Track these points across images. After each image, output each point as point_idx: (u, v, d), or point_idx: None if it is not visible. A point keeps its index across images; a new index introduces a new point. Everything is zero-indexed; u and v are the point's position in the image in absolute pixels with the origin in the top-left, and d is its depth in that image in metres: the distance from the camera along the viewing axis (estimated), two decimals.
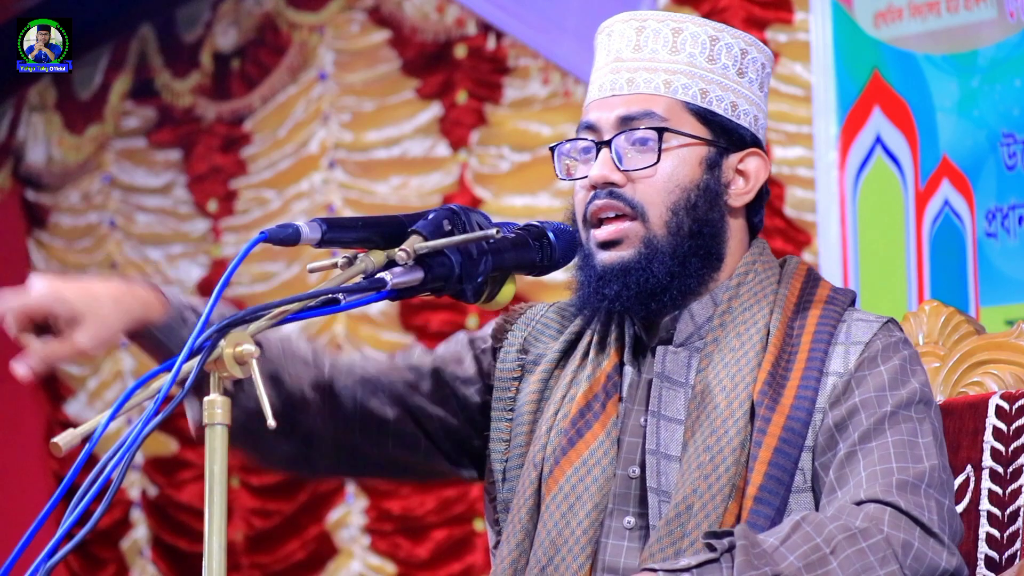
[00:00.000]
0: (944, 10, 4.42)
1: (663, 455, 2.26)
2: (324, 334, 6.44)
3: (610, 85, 2.36)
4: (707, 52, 2.34)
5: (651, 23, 2.36)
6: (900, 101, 4.53)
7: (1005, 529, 2.49)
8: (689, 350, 2.31)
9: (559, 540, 2.27)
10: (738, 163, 2.34)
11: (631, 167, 2.31)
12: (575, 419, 2.33)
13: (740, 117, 2.34)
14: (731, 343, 2.28)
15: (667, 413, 2.28)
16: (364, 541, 6.33)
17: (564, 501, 2.29)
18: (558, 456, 2.31)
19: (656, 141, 2.30)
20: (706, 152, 2.33)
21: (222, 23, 6.78)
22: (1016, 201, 4.28)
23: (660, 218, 2.30)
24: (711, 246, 2.32)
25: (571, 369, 2.39)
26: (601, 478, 2.29)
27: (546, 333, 2.45)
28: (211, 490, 1.89)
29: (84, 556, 7.06)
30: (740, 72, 2.35)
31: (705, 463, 2.22)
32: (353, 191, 6.41)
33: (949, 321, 2.73)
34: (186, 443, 6.77)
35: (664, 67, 2.33)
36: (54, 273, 7.25)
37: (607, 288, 2.30)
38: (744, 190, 2.35)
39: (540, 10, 5.68)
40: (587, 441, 2.31)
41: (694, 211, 2.31)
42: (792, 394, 2.24)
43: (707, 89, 2.33)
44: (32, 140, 7.33)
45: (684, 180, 2.31)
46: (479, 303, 2.25)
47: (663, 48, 2.34)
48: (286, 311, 2.01)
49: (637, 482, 2.29)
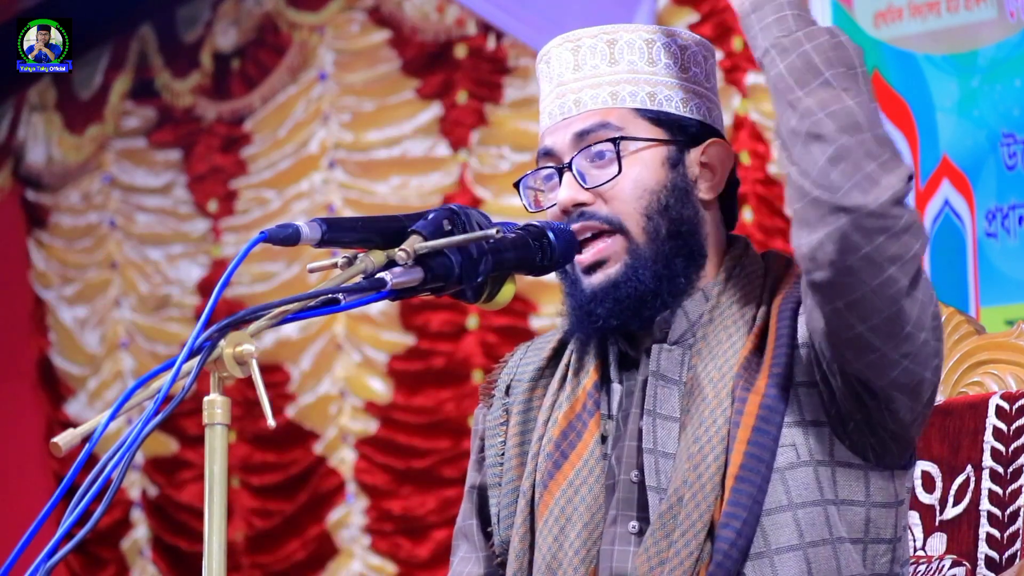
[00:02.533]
0: (944, 10, 4.42)
1: (660, 453, 2.26)
2: (324, 334, 6.44)
3: (559, 110, 2.36)
4: (646, 56, 2.35)
5: (585, 40, 2.37)
6: (900, 101, 4.53)
7: (1005, 529, 2.49)
8: (683, 347, 2.31)
9: (554, 564, 2.28)
10: (700, 156, 2.35)
11: (596, 183, 2.31)
12: (558, 441, 2.33)
13: (693, 112, 2.35)
14: (719, 336, 2.28)
15: (662, 411, 2.28)
16: (365, 541, 6.33)
17: (555, 524, 2.29)
18: (546, 481, 2.31)
19: (614, 152, 2.31)
20: (666, 152, 2.33)
21: (222, 23, 6.78)
22: (1016, 201, 4.28)
23: (638, 226, 2.30)
24: (691, 244, 2.32)
25: (551, 393, 2.39)
26: (589, 496, 2.29)
27: (528, 369, 2.45)
28: (211, 490, 1.89)
29: (84, 556, 7.06)
30: (683, 68, 2.35)
31: (695, 454, 2.22)
32: (353, 191, 6.41)
33: (949, 321, 2.73)
34: (186, 443, 6.77)
35: (607, 80, 2.34)
36: (54, 273, 7.25)
37: (599, 308, 2.30)
38: (713, 182, 2.35)
39: (540, 10, 5.68)
40: (572, 462, 2.31)
41: (667, 212, 2.31)
42: (766, 372, 2.23)
43: (654, 92, 2.34)
44: (32, 140, 7.33)
45: (651, 183, 2.31)
46: (479, 303, 2.25)
47: (602, 62, 2.35)
48: (286, 311, 2.01)
49: (638, 486, 2.29)
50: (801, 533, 2.20)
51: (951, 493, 2.60)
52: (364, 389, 6.38)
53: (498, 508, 2.40)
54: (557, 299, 2.51)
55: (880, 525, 2.24)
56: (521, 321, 5.76)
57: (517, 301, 5.29)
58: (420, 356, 6.24)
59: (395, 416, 6.30)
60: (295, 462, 6.52)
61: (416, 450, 6.22)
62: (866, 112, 2.13)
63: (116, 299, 7.07)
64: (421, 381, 6.25)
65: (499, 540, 2.39)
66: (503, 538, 2.38)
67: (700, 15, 5.36)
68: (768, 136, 5.17)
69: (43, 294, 7.32)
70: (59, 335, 7.26)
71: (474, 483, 2.48)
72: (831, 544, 2.21)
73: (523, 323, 5.79)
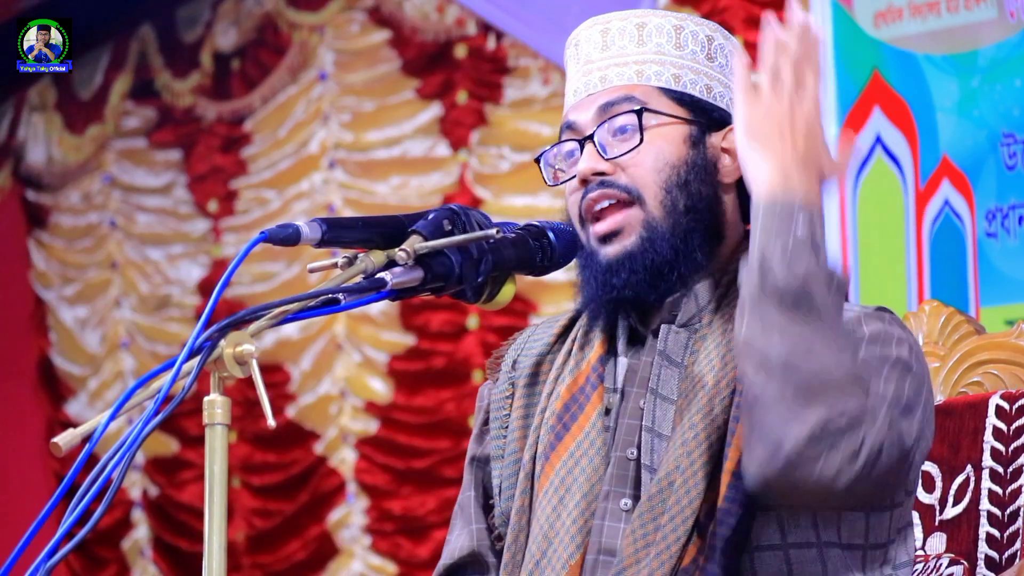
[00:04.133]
0: (944, 10, 4.42)
1: (656, 433, 2.26)
2: (325, 334, 6.44)
3: (584, 87, 2.38)
4: (673, 40, 2.36)
5: (615, 22, 2.38)
6: (900, 101, 4.53)
7: (1005, 529, 2.49)
8: (689, 331, 2.31)
9: (551, 533, 2.28)
10: (721, 141, 2.35)
11: (617, 154, 2.31)
12: (560, 414, 2.33)
13: (716, 99, 2.36)
14: (724, 325, 2.28)
15: (663, 392, 2.28)
16: (365, 541, 6.33)
17: (555, 495, 2.29)
18: (547, 452, 2.32)
19: (636, 124, 2.31)
20: (688, 130, 2.33)
21: (222, 23, 6.78)
22: (1016, 201, 4.28)
23: (655, 198, 2.30)
24: (709, 220, 2.32)
25: (556, 367, 2.39)
26: (589, 468, 2.29)
27: (535, 346, 2.45)
28: (211, 490, 1.89)
29: (85, 556, 7.06)
30: (709, 57, 2.37)
31: (689, 440, 2.21)
32: (353, 191, 6.41)
33: (949, 321, 2.73)
34: (187, 443, 6.78)
35: (634, 59, 2.35)
36: (55, 273, 7.25)
37: (615, 278, 2.30)
38: (732, 167, 2.35)
39: (540, 10, 5.69)
40: (573, 434, 2.31)
41: (687, 187, 2.31)
42: None
43: (679, 74, 2.35)
44: (32, 140, 7.33)
45: (672, 158, 2.32)
46: (479, 303, 2.25)
47: (630, 43, 2.36)
48: (286, 311, 2.01)
49: (634, 463, 2.29)
50: (784, 534, 2.21)
51: (951, 493, 2.60)
52: (364, 389, 6.38)
53: (500, 480, 2.40)
54: (557, 299, 2.51)
55: (877, 531, 2.24)
56: (521, 321, 5.76)
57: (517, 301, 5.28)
58: (420, 356, 6.24)
59: (395, 416, 6.30)
60: (295, 462, 6.52)
61: (416, 450, 6.22)
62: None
63: (116, 299, 7.07)
64: (421, 381, 6.25)
65: (499, 512, 2.39)
66: (504, 509, 2.38)
67: (700, 15, 5.36)
68: None
69: (43, 294, 7.32)
70: (59, 335, 7.26)
71: (475, 454, 2.48)
72: (816, 547, 2.22)
73: (523, 323, 5.79)
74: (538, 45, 5.77)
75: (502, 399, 2.44)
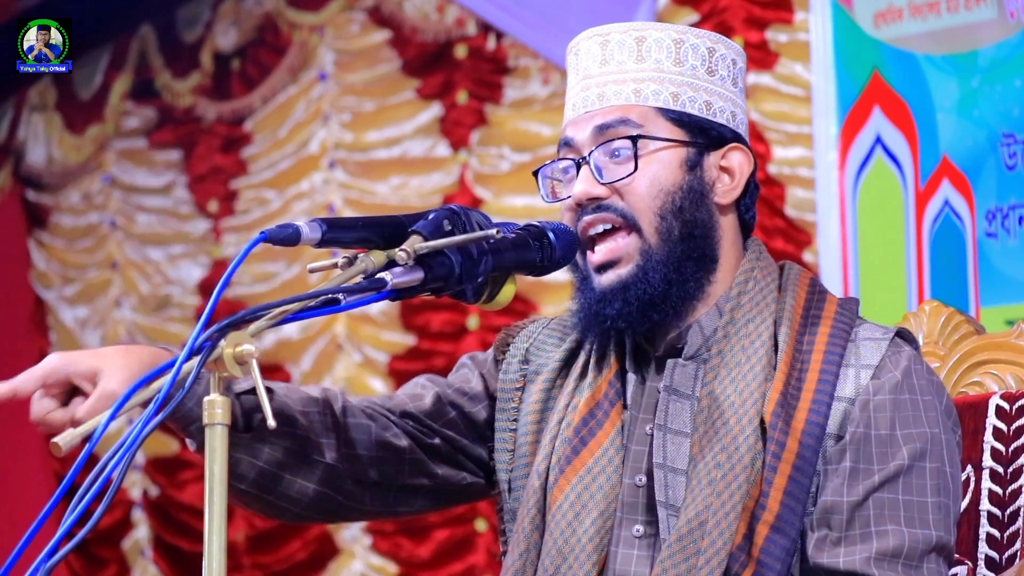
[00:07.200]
0: (944, 10, 4.42)
1: (670, 468, 2.26)
2: (324, 334, 6.44)
3: (582, 103, 2.37)
4: (673, 55, 2.35)
5: (615, 35, 2.37)
6: (900, 101, 4.53)
7: (1005, 529, 2.49)
8: (697, 362, 2.31)
9: (566, 549, 2.28)
10: (720, 160, 2.35)
11: (612, 179, 2.31)
12: (578, 428, 2.33)
13: (716, 115, 2.35)
14: (736, 357, 2.28)
15: (673, 426, 2.28)
16: (365, 541, 6.33)
17: (570, 510, 2.29)
18: (563, 465, 2.32)
19: (631, 150, 2.31)
20: (685, 153, 2.33)
21: (222, 23, 6.78)
22: (1016, 201, 4.28)
23: (651, 225, 2.30)
24: (704, 247, 2.32)
25: (573, 379, 2.39)
26: (607, 486, 2.29)
27: (548, 344, 2.46)
28: (211, 490, 1.90)
29: (85, 556, 7.06)
30: (710, 71, 2.35)
31: (717, 480, 2.21)
32: (353, 191, 6.41)
33: (949, 321, 2.73)
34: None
35: (632, 76, 2.34)
36: (55, 273, 7.26)
37: (608, 308, 2.30)
38: (730, 186, 2.35)
39: (540, 10, 5.68)
40: (591, 449, 2.31)
41: (681, 214, 2.31)
42: (804, 417, 2.23)
43: (678, 92, 2.34)
44: (32, 140, 7.34)
45: (667, 184, 2.31)
46: (479, 303, 2.25)
47: (629, 58, 2.35)
48: (286, 311, 2.01)
49: (644, 491, 2.29)
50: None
51: None
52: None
53: (508, 476, 2.40)
54: (557, 299, 2.51)
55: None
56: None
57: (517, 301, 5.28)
58: (421, 356, 6.24)
59: None
60: None
61: None
62: None
63: (117, 299, 7.07)
64: None
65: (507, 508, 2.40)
66: (510, 507, 2.39)
67: (700, 15, 5.36)
68: (768, 136, 5.17)
69: (44, 294, 7.32)
70: (60, 335, 7.26)
71: (466, 372, 2.50)
72: None
73: None
74: (538, 45, 5.77)
75: (512, 390, 2.44)
